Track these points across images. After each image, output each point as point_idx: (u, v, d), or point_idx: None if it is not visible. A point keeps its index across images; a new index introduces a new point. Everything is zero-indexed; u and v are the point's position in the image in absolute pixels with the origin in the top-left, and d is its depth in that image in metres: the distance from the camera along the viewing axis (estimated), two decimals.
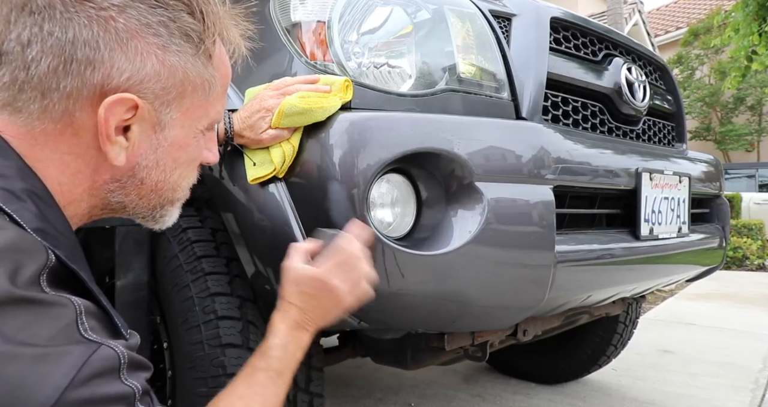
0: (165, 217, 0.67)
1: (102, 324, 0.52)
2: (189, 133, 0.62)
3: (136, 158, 0.59)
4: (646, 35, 12.27)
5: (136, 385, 0.50)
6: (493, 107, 1.12)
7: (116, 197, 0.60)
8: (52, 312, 0.48)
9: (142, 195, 0.62)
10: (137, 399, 0.50)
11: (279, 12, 1.04)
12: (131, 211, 0.63)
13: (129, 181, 0.60)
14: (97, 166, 0.57)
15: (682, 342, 3.05)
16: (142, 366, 0.54)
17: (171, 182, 0.63)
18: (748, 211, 8.52)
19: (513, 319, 1.16)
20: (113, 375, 0.48)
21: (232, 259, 1.09)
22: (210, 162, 0.69)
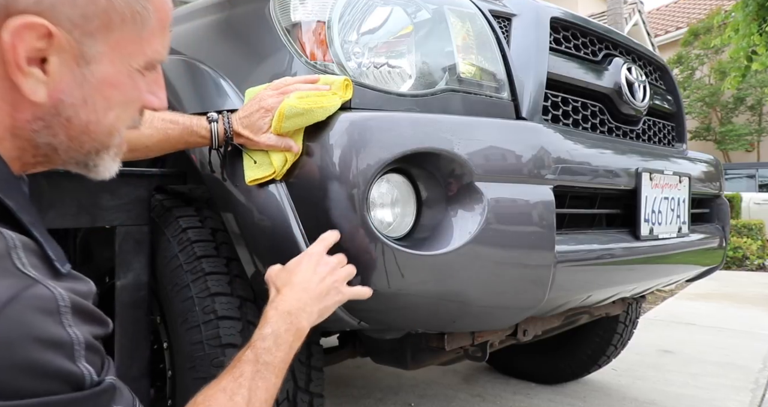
0: (99, 166, 0.61)
1: (44, 263, 0.48)
2: (121, 70, 0.57)
3: (59, 93, 0.54)
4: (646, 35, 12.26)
5: (77, 335, 0.45)
6: (493, 107, 1.12)
7: (43, 137, 0.55)
8: None
9: (72, 137, 0.56)
10: (77, 350, 0.45)
11: (279, 12, 1.04)
12: (64, 155, 0.58)
13: (54, 120, 0.55)
14: (15, 102, 0.52)
15: (682, 342, 3.05)
16: (93, 318, 0.49)
17: (105, 125, 0.58)
18: (748, 211, 8.52)
19: (513, 319, 1.16)
20: (50, 317, 0.44)
21: (232, 259, 1.09)
22: (155, 107, 0.64)
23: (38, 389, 0.42)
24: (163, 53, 0.62)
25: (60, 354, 0.44)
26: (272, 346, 0.74)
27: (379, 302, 0.94)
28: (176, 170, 1.25)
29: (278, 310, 0.78)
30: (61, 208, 1.04)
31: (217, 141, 0.96)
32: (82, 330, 0.46)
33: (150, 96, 0.63)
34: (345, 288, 0.86)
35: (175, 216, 1.14)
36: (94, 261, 1.31)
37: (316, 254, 0.86)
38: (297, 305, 0.80)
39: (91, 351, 0.47)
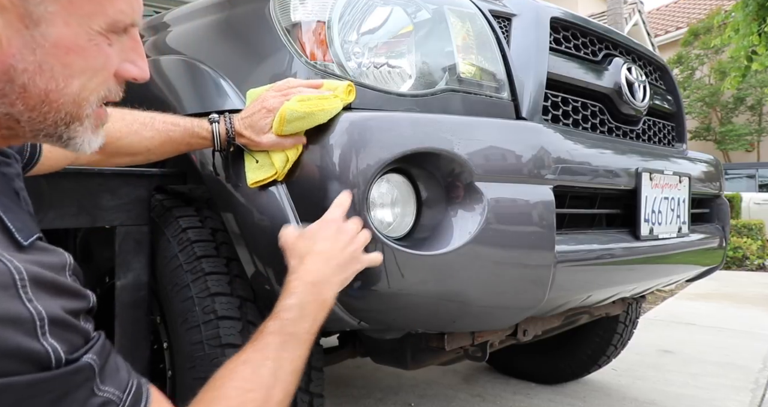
0: (75, 139, 0.57)
1: (2, 236, 0.46)
2: (79, 33, 0.52)
3: (9, 58, 0.49)
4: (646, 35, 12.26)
5: (38, 310, 0.42)
6: (493, 107, 1.12)
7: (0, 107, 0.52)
8: None
9: (31, 106, 0.52)
10: (39, 326, 0.42)
11: (279, 12, 1.04)
12: (28, 126, 0.54)
13: (8, 87, 0.51)
14: None
15: (682, 342, 3.05)
16: (64, 291, 0.46)
17: (70, 94, 0.54)
18: (748, 211, 8.52)
19: (513, 319, 1.16)
20: (4, 291, 0.41)
21: (232, 259, 1.09)
22: (134, 76, 0.59)
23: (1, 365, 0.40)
24: (130, 14, 0.56)
25: (17, 330, 0.41)
26: (297, 317, 0.71)
27: (379, 302, 0.94)
28: (176, 170, 1.25)
29: (303, 280, 0.76)
30: (61, 208, 1.04)
31: (219, 142, 0.96)
32: (47, 304, 0.43)
33: (127, 64, 0.58)
34: (363, 256, 0.85)
35: (175, 216, 1.14)
36: (94, 261, 1.31)
37: (335, 221, 0.84)
38: (321, 276, 0.78)
39: (59, 327, 0.44)
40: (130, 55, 0.58)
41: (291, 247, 0.84)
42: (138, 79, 0.60)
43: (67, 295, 0.46)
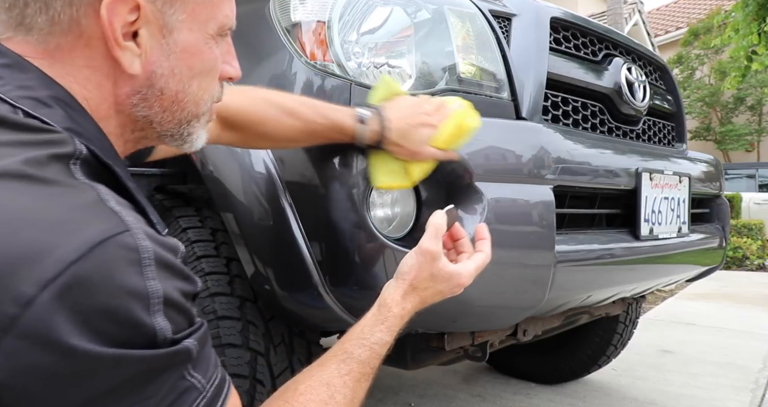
0: (193, 135, 0.64)
1: (144, 220, 0.50)
2: (199, 38, 0.60)
3: (151, 65, 0.57)
4: (646, 35, 12.26)
5: (155, 288, 0.45)
6: (493, 107, 1.12)
7: (140, 110, 0.58)
8: (73, 192, 0.46)
9: (165, 107, 0.59)
10: (153, 304, 0.45)
11: (279, 12, 1.04)
12: (159, 127, 0.61)
13: (149, 92, 0.58)
14: (116, 78, 0.56)
15: (682, 342, 3.05)
16: (180, 274, 0.49)
17: (191, 93, 0.61)
18: (748, 211, 8.52)
19: (513, 319, 1.16)
20: (132, 266, 0.44)
21: (232, 259, 1.09)
22: (231, 76, 0.67)
23: (116, 334, 0.43)
24: (232, 18, 0.65)
25: (136, 303, 0.44)
26: (382, 354, 0.71)
27: None
28: (176, 170, 1.25)
29: (404, 319, 0.74)
30: None
31: (362, 142, 0.91)
32: (164, 284, 0.46)
33: (226, 66, 0.65)
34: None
35: (175, 216, 1.14)
36: None
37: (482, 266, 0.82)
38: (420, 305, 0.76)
39: (171, 307, 0.47)
40: (227, 56, 0.66)
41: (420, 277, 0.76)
42: (234, 79, 0.67)
43: (181, 278, 0.50)
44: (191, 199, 1.21)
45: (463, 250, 0.85)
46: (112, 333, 0.43)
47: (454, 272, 0.77)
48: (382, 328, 0.72)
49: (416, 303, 0.76)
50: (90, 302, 0.42)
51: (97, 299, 0.42)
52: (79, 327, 0.41)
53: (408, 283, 0.75)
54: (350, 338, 0.71)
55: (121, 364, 0.43)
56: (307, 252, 0.94)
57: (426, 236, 0.77)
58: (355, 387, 0.66)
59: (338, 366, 0.67)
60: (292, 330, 1.12)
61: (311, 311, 1.01)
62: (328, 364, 0.67)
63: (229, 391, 0.55)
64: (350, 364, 0.67)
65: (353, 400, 0.65)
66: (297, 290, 0.98)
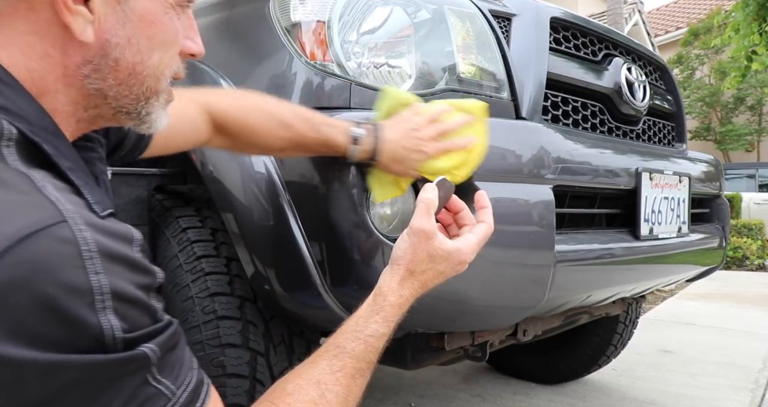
0: (152, 115, 0.59)
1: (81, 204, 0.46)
2: (158, 6, 0.55)
3: (105, 33, 0.52)
4: (646, 35, 12.27)
5: (100, 283, 0.40)
6: (493, 107, 1.11)
7: (93, 82, 0.53)
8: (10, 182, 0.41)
9: (120, 80, 0.55)
10: (99, 300, 0.40)
11: (279, 12, 1.04)
12: (114, 102, 0.56)
13: (102, 62, 0.53)
14: (64, 46, 0.51)
15: (682, 342, 3.05)
16: (132, 266, 0.44)
17: (151, 67, 0.56)
18: (748, 211, 8.52)
19: (513, 319, 1.16)
20: (71, 260, 0.40)
21: (232, 259, 1.09)
22: (193, 52, 0.62)
23: (53, 337, 0.38)
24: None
25: (77, 301, 0.39)
26: (379, 347, 0.66)
27: None
28: (176, 170, 1.25)
29: (402, 308, 0.69)
30: None
31: (350, 160, 0.89)
32: (114, 278, 0.42)
33: (188, 41, 0.61)
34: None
35: (175, 216, 1.14)
36: None
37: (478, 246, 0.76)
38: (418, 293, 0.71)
39: (123, 303, 0.42)
40: (188, 31, 0.61)
41: (413, 261, 0.70)
42: (196, 56, 0.62)
43: (136, 270, 0.45)
44: (191, 199, 1.21)
45: (465, 223, 0.78)
46: (49, 336, 0.38)
47: (453, 249, 0.71)
48: (378, 319, 0.67)
49: (415, 289, 0.70)
50: (18, 301, 0.37)
51: (28, 297, 0.38)
52: (7, 331, 0.37)
53: (404, 268, 0.70)
54: (343, 331, 0.66)
55: (62, 371, 0.39)
56: (306, 252, 0.94)
57: (417, 214, 0.70)
58: (349, 384, 0.61)
59: (330, 362, 0.62)
60: (292, 330, 1.12)
61: (311, 311, 1.01)
62: (318, 361, 0.62)
63: (207, 396, 0.50)
64: (343, 359, 0.62)
65: (347, 398, 0.61)
66: (297, 290, 0.98)
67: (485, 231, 0.76)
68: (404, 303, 0.69)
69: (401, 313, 0.69)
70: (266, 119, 0.87)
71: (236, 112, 0.86)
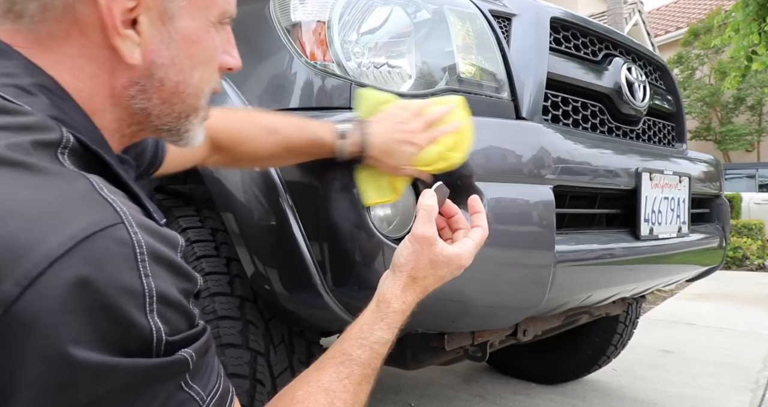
0: (190, 132, 0.60)
1: (140, 210, 0.47)
2: (201, 25, 0.57)
3: (151, 55, 0.53)
4: (646, 35, 12.26)
5: (150, 286, 0.41)
6: (493, 107, 1.12)
7: (139, 102, 0.55)
8: (62, 181, 0.42)
9: (164, 99, 0.56)
10: (149, 302, 0.41)
11: (279, 12, 1.04)
12: (156, 121, 0.57)
13: (148, 83, 0.54)
14: (112, 68, 0.52)
15: (682, 342, 3.05)
16: (178, 271, 0.46)
17: (192, 85, 0.57)
18: (748, 211, 8.52)
19: (513, 319, 1.16)
20: (125, 262, 0.41)
21: (232, 259, 1.09)
22: (231, 66, 0.63)
23: (106, 337, 0.39)
24: (233, 5, 0.62)
25: (129, 301, 0.40)
26: (384, 353, 0.67)
27: None
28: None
29: (405, 314, 0.70)
30: None
31: (342, 157, 0.89)
32: (161, 281, 0.43)
33: (225, 56, 0.62)
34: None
35: (175, 216, 1.14)
36: None
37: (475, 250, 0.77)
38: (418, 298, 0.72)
39: (167, 307, 0.43)
40: (226, 46, 0.62)
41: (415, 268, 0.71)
42: (234, 70, 0.63)
43: (180, 275, 0.46)
44: (191, 199, 1.21)
45: (459, 226, 0.80)
46: (102, 336, 0.39)
47: (453, 254, 0.72)
48: (383, 326, 0.67)
49: (417, 294, 0.71)
50: (78, 301, 0.38)
51: (88, 298, 0.38)
52: (67, 331, 0.38)
53: (407, 274, 0.71)
54: (348, 338, 0.66)
55: (112, 373, 0.39)
56: (307, 252, 0.94)
57: (418, 220, 0.71)
58: (356, 390, 0.62)
59: (337, 369, 0.62)
60: (292, 330, 1.12)
61: (311, 311, 1.01)
62: (326, 368, 0.63)
63: (232, 403, 0.51)
64: (350, 366, 0.63)
65: (354, 405, 0.61)
66: (297, 290, 0.98)
67: (482, 235, 0.78)
68: (407, 309, 0.70)
69: (404, 319, 0.70)
70: (252, 127, 0.89)
71: (223, 125, 0.87)
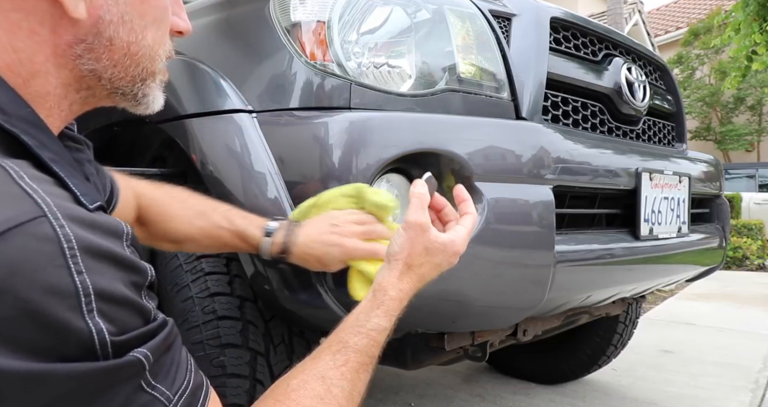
0: (148, 96, 0.58)
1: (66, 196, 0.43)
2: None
3: (98, 10, 0.49)
4: (646, 35, 12.26)
5: (85, 283, 0.38)
6: (493, 107, 1.12)
7: (86, 63, 0.50)
8: None
9: (115, 61, 0.52)
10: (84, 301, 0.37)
11: (279, 12, 1.04)
12: (109, 84, 0.53)
13: (96, 41, 0.50)
14: (54, 24, 0.48)
15: (682, 342, 3.05)
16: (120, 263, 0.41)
17: (146, 47, 0.54)
18: (748, 211, 8.52)
19: (513, 319, 1.16)
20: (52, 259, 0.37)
21: (232, 259, 1.09)
22: (181, 29, 0.60)
23: (36, 344, 0.35)
24: None
25: (60, 303, 0.36)
26: (381, 341, 0.66)
27: None
28: (176, 169, 1.25)
29: (403, 302, 0.69)
30: None
31: (264, 254, 0.88)
32: (98, 277, 0.39)
33: (175, 18, 0.59)
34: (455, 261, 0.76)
35: None
36: None
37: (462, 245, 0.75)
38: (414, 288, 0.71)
39: (110, 304, 0.39)
40: (175, 8, 0.60)
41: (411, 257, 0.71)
42: (184, 33, 0.61)
43: (124, 268, 0.42)
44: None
45: (449, 219, 0.79)
46: (33, 344, 0.35)
47: (447, 241, 0.72)
48: (379, 313, 0.66)
49: (414, 282, 0.70)
50: (11, 299, 0.35)
51: (7, 304, 0.35)
52: None
53: (402, 262, 0.70)
54: (345, 327, 0.65)
55: (46, 382, 0.36)
56: None
57: (411, 208, 0.71)
58: (353, 378, 0.60)
59: (333, 357, 0.60)
60: (292, 330, 1.12)
61: (311, 311, 1.01)
62: (321, 356, 0.61)
63: (206, 399, 0.48)
64: (347, 354, 0.61)
65: (352, 392, 0.59)
66: (297, 290, 0.98)
67: (472, 221, 0.78)
68: (404, 297, 0.69)
69: (401, 307, 0.69)
70: (186, 206, 0.89)
71: (161, 196, 0.87)
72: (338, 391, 0.58)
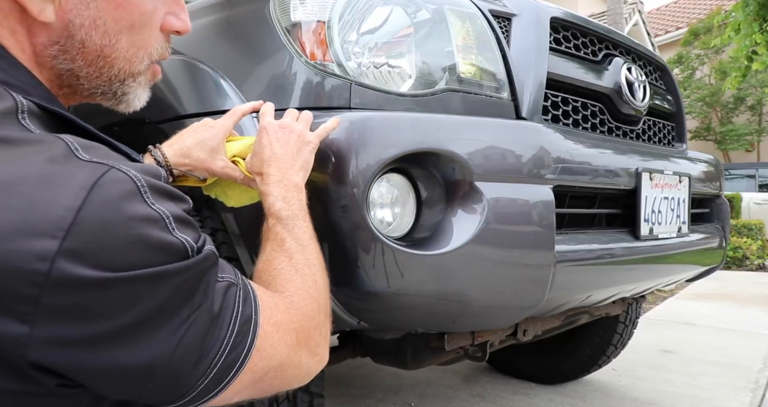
0: (129, 95, 0.60)
1: (116, 154, 0.49)
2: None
3: (67, 14, 0.51)
4: (646, 35, 12.26)
5: (162, 210, 0.47)
6: (493, 107, 1.12)
7: (62, 63, 0.53)
8: (40, 148, 0.43)
9: (90, 62, 0.54)
10: (169, 223, 0.47)
11: (279, 12, 1.04)
12: (87, 83, 0.56)
13: (68, 43, 0.52)
14: (30, 25, 0.50)
15: (682, 342, 3.05)
16: (172, 196, 0.50)
17: (120, 50, 0.56)
18: (748, 211, 8.52)
19: (513, 319, 1.16)
20: (133, 197, 0.45)
21: (232, 259, 1.09)
22: (177, 29, 0.61)
23: (148, 261, 0.44)
24: None
25: (155, 227, 0.45)
26: (284, 205, 0.76)
27: (378, 301, 0.94)
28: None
29: (269, 185, 0.79)
30: None
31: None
32: (166, 205, 0.48)
33: (170, 17, 0.60)
34: (310, 136, 0.86)
35: None
36: None
37: (269, 126, 0.85)
38: (280, 173, 0.81)
39: (181, 223, 0.49)
40: (173, 7, 0.61)
41: (253, 170, 0.85)
42: (181, 32, 0.62)
43: (175, 198, 0.51)
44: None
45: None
46: (146, 259, 0.44)
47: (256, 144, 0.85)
48: (265, 202, 0.78)
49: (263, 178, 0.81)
50: (110, 238, 0.42)
51: (116, 234, 0.43)
52: (108, 262, 0.42)
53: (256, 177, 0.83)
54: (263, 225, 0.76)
55: (163, 278, 0.45)
56: None
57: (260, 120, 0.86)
58: (290, 235, 0.72)
59: (269, 242, 0.72)
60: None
61: None
62: (264, 247, 0.72)
63: (248, 282, 0.58)
64: (273, 231, 0.72)
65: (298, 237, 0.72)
66: None
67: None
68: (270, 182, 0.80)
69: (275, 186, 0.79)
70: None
71: None
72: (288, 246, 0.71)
